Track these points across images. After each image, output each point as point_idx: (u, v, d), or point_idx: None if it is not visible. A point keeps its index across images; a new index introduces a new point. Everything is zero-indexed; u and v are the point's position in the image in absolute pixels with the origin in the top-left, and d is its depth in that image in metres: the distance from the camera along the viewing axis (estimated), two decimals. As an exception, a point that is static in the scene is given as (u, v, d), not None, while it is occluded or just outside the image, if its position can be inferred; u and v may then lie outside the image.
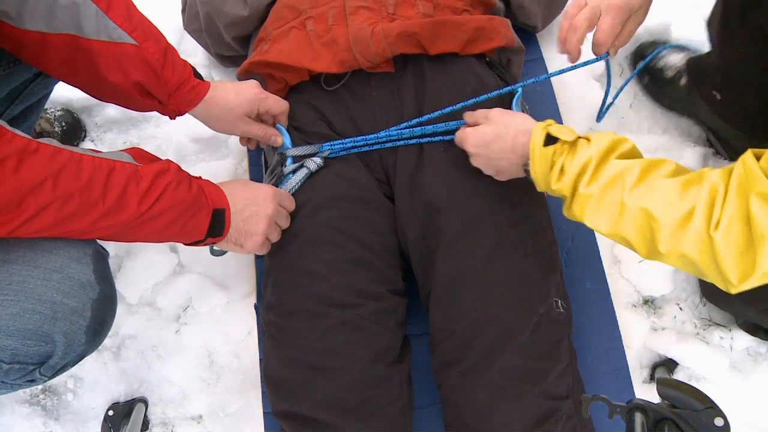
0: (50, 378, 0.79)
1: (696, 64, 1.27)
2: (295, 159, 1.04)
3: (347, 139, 1.04)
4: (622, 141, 0.81)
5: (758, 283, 0.69)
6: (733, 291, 0.71)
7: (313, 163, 1.02)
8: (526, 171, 0.87)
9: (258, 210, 0.92)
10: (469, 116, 0.98)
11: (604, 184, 0.78)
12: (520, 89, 1.06)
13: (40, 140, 0.71)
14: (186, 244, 0.89)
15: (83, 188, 0.72)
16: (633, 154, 0.81)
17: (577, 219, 0.83)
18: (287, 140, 1.06)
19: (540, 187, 0.87)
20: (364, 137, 1.03)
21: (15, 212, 0.68)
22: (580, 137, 0.82)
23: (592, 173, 0.79)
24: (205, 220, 0.86)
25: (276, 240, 0.98)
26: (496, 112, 0.94)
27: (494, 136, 0.90)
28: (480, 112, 0.96)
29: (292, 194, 1.01)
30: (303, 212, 1.00)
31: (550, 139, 0.83)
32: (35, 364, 0.75)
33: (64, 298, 0.75)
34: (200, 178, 0.89)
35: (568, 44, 0.89)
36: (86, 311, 0.77)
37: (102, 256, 0.82)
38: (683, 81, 1.29)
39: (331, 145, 1.04)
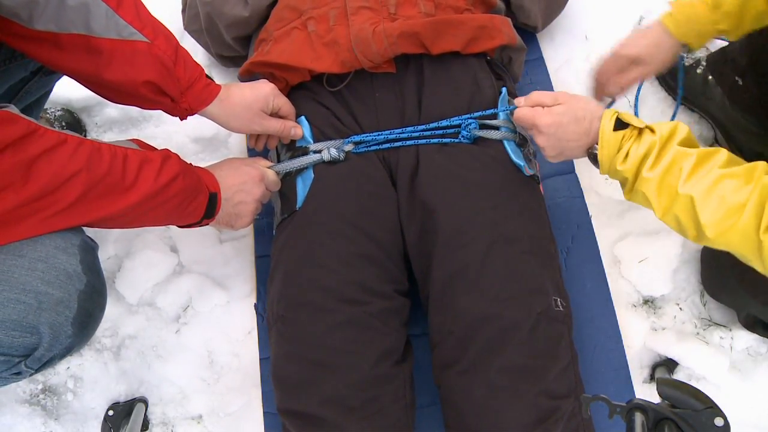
0: (36, 371, 0.77)
1: (720, 52, 1.29)
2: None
3: (368, 134, 1.04)
4: (680, 127, 0.86)
5: None
6: None
7: (328, 153, 1.02)
8: (589, 154, 0.93)
9: (246, 197, 1.00)
10: (528, 100, 0.97)
11: (663, 169, 0.84)
12: (504, 89, 1.07)
13: (62, 132, 0.75)
14: (180, 226, 0.94)
15: (107, 173, 0.77)
16: (690, 140, 0.86)
17: (637, 201, 0.89)
18: (307, 132, 1.06)
19: (603, 168, 0.91)
20: (385, 132, 1.03)
21: (53, 197, 0.73)
22: (647, 126, 0.88)
23: (655, 158, 0.85)
24: (203, 203, 0.92)
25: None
26: (565, 95, 0.95)
27: (572, 119, 0.92)
28: (547, 95, 0.96)
29: (297, 176, 1.04)
30: (318, 204, 1.00)
31: (619, 125, 0.88)
32: (20, 356, 0.74)
33: (49, 288, 0.74)
34: (191, 164, 0.93)
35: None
36: (73, 302, 0.76)
37: (90, 248, 0.81)
38: (700, 69, 1.30)
39: (353, 139, 1.04)
